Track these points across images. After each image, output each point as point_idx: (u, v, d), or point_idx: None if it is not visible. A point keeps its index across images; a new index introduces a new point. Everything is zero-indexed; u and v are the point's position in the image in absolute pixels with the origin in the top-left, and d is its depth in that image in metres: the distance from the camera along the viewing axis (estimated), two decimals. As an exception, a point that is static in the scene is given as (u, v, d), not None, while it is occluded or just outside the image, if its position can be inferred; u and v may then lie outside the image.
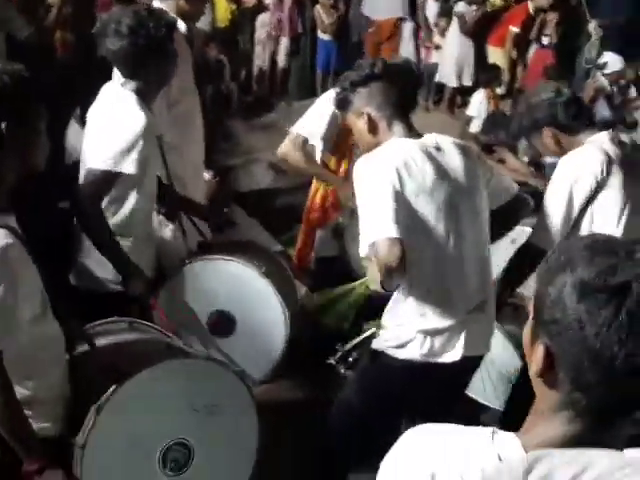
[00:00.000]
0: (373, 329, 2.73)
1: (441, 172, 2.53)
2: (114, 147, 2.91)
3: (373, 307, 2.81)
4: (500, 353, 3.42)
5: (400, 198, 2.42)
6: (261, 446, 2.76)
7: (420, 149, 2.54)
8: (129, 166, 2.91)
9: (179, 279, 3.37)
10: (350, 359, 3.16)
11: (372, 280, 2.63)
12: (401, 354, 2.60)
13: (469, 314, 2.60)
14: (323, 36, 9.62)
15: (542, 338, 1.12)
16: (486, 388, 3.54)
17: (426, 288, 2.56)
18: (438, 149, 2.59)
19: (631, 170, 2.99)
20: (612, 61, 8.02)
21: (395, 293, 2.58)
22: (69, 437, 2.36)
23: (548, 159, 6.69)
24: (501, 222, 2.82)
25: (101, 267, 3.08)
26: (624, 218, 3.00)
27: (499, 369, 3.51)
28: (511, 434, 1.15)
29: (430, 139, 2.64)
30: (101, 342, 2.69)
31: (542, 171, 6.64)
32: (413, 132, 2.65)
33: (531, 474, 0.67)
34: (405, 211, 2.43)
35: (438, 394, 2.66)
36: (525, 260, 3.09)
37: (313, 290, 4.02)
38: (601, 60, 8.20)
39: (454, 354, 2.59)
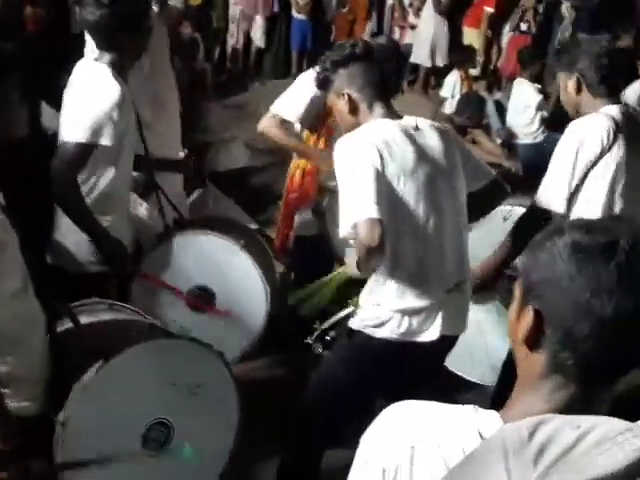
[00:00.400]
0: (350, 309, 2.73)
1: (420, 153, 2.55)
2: (89, 119, 2.89)
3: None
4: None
5: (381, 179, 2.42)
6: (240, 424, 2.78)
7: (400, 130, 2.56)
8: (105, 138, 2.90)
9: (157, 255, 3.36)
10: (327, 338, 3.18)
11: (351, 266, 2.66)
12: (378, 333, 2.62)
13: (447, 294, 2.63)
14: (298, 16, 9.62)
15: (531, 303, 1.14)
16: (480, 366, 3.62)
17: (405, 269, 2.57)
18: (417, 130, 2.61)
19: (633, 136, 3.05)
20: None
21: (374, 274, 2.59)
22: (50, 415, 2.36)
23: (521, 141, 6.80)
24: (477, 206, 2.83)
25: (79, 247, 3.07)
26: (620, 188, 3.06)
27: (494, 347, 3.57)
28: (492, 411, 1.16)
29: (410, 120, 2.65)
30: (83, 321, 2.67)
31: (515, 153, 6.71)
32: (393, 114, 2.65)
33: (534, 437, 0.69)
34: (386, 192, 2.43)
35: (415, 373, 2.67)
36: (529, 224, 3.14)
37: (291, 270, 4.04)
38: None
39: (432, 333, 2.61)
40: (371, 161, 2.42)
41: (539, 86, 7.11)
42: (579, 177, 3.05)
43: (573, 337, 1.09)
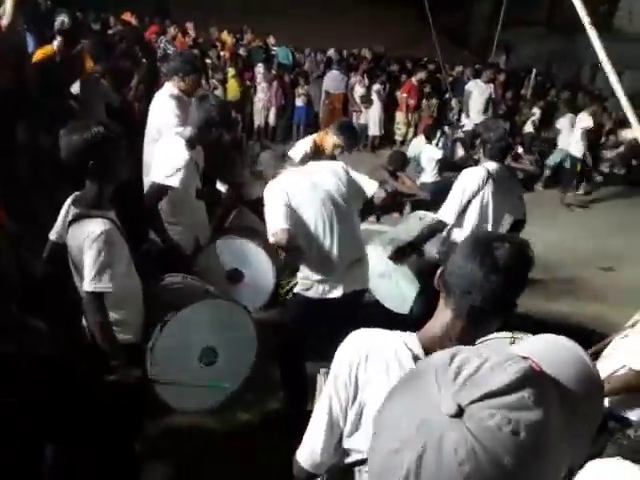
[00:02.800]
0: (296, 280, 2.75)
1: (314, 186, 2.59)
2: (167, 170, 2.91)
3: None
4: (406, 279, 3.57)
5: (289, 208, 2.51)
6: (258, 348, 2.81)
7: (301, 174, 2.65)
8: (176, 182, 2.91)
9: (209, 250, 3.36)
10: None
11: None
12: (306, 294, 2.69)
13: (347, 268, 2.66)
14: (299, 103, 9.65)
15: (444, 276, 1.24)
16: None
17: (314, 257, 2.62)
18: (315, 172, 2.66)
19: (500, 184, 3.16)
20: (467, 123, 8.23)
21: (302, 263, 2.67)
22: (143, 343, 2.41)
23: (428, 180, 6.86)
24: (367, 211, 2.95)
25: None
26: (489, 212, 3.16)
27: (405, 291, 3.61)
28: (412, 333, 1.25)
29: (311, 166, 2.74)
30: (164, 285, 2.73)
31: (426, 187, 6.76)
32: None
33: (453, 361, 0.71)
34: (293, 214, 2.52)
35: (334, 316, 2.65)
36: (432, 229, 3.31)
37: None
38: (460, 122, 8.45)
39: (337, 293, 2.66)
40: (282, 198, 2.52)
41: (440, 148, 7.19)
42: (464, 203, 3.13)
43: (460, 295, 1.19)
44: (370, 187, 2.76)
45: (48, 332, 2.52)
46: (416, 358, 1.20)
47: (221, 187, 3.90)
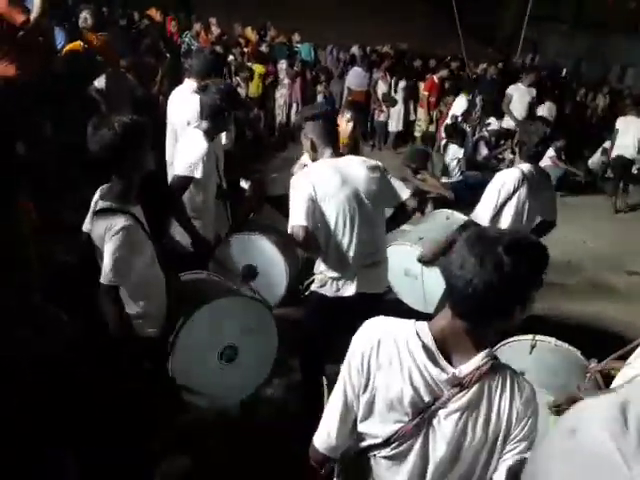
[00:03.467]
0: (313, 277, 2.70)
1: (343, 181, 2.48)
2: (188, 161, 2.93)
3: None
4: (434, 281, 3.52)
5: (312, 201, 2.44)
6: (278, 345, 2.81)
7: (332, 167, 2.50)
8: (198, 173, 2.92)
9: (224, 246, 3.36)
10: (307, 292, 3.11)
11: None
12: (321, 291, 2.63)
13: (363, 268, 2.58)
14: (319, 100, 9.54)
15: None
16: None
17: (332, 255, 2.55)
18: (348, 165, 2.52)
19: (534, 186, 3.08)
20: (492, 122, 8.09)
21: (319, 258, 2.62)
22: (166, 337, 2.41)
23: (450, 179, 6.78)
24: (393, 218, 2.77)
25: (184, 238, 3.10)
26: (524, 214, 3.09)
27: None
28: (424, 322, 1.29)
29: (345, 159, 2.56)
30: (188, 281, 2.73)
31: (448, 185, 6.68)
32: (337, 153, 2.57)
33: (628, 421, 0.68)
34: (315, 209, 2.45)
35: (346, 316, 2.51)
36: (464, 229, 3.06)
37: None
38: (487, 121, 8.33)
39: (349, 291, 2.58)
40: (307, 191, 2.44)
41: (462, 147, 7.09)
42: (499, 204, 3.08)
43: (457, 294, 1.19)
44: (404, 192, 2.67)
45: (68, 321, 2.59)
46: (426, 348, 1.24)
47: (244, 184, 3.91)
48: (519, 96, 7.87)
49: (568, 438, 0.81)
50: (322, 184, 2.47)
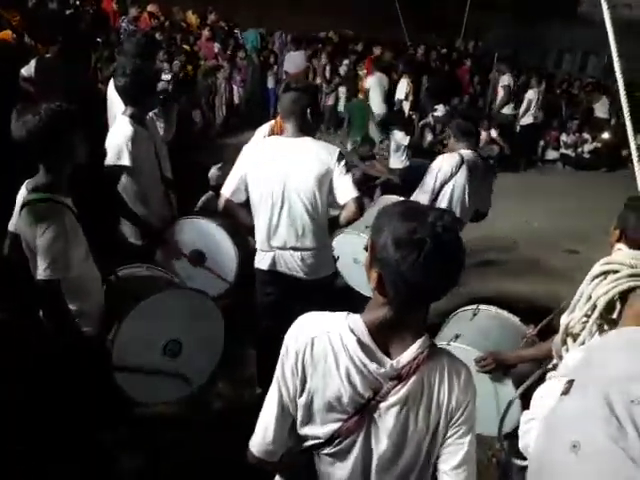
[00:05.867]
0: None
1: (285, 164, 2.44)
2: (114, 150, 2.84)
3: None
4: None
5: (243, 177, 2.52)
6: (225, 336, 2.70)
7: (281, 146, 2.49)
8: (124, 160, 2.83)
9: (171, 231, 3.23)
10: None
11: None
12: (256, 265, 2.73)
13: (280, 249, 2.61)
14: (270, 85, 9.63)
15: (375, 267, 1.16)
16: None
17: (260, 233, 2.62)
18: (299, 149, 2.46)
19: (474, 173, 3.12)
20: (439, 109, 8.20)
21: None
22: (105, 335, 2.29)
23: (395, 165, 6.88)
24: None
25: (128, 228, 3.05)
26: (460, 198, 3.11)
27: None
28: (357, 315, 1.23)
29: (300, 141, 2.48)
30: (126, 276, 2.61)
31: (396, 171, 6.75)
32: (295, 134, 2.50)
33: None
34: (246, 184, 2.53)
35: (277, 286, 2.71)
36: None
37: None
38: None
39: (264, 264, 2.66)
40: (243, 167, 2.54)
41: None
42: (437, 188, 3.11)
43: (398, 293, 1.14)
44: (344, 195, 2.48)
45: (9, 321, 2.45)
46: (361, 342, 1.19)
47: (215, 170, 3.82)
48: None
49: (570, 453, 0.82)
50: (260, 163, 2.48)
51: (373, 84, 8.00)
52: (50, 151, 2.02)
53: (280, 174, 2.47)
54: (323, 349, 1.21)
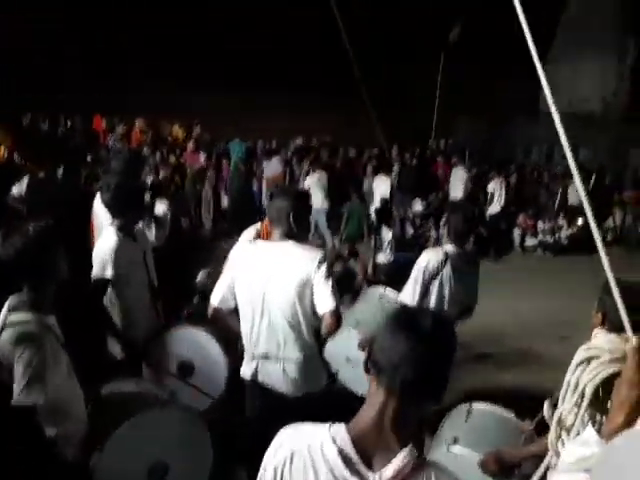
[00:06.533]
0: None
1: (269, 271, 2.39)
2: (98, 261, 2.88)
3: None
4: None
5: (230, 285, 2.49)
6: (214, 450, 2.55)
7: (265, 251, 2.45)
8: (109, 272, 2.86)
9: (161, 340, 3.18)
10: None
11: None
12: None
13: (262, 358, 2.50)
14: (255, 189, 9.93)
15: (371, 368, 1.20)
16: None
17: (244, 340, 2.54)
18: (282, 255, 2.41)
19: (459, 268, 3.16)
20: (416, 203, 8.53)
21: None
22: (87, 460, 2.17)
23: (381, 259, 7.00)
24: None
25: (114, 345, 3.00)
26: (453, 292, 3.14)
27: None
28: (342, 424, 1.21)
29: (285, 246, 2.43)
30: (111, 393, 2.52)
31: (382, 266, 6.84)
32: (280, 238, 2.48)
33: None
34: (233, 291, 2.49)
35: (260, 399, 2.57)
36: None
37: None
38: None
39: (247, 374, 2.55)
40: (229, 274, 2.52)
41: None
42: (424, 284, 3.13)
43: (387, 375, 1.16)
44: (321, 307, 2.38)
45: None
46: (342, 453, 1.15)
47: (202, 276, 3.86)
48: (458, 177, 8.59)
49: None
50: (243, 268, 2.47)
51: (313, 183, 8.46)
52: (36, 269, 2.04)
53: (260, 283, 2.41)
54: (303, 464, 1.17)
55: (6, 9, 9.76)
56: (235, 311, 2.60)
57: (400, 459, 1.14)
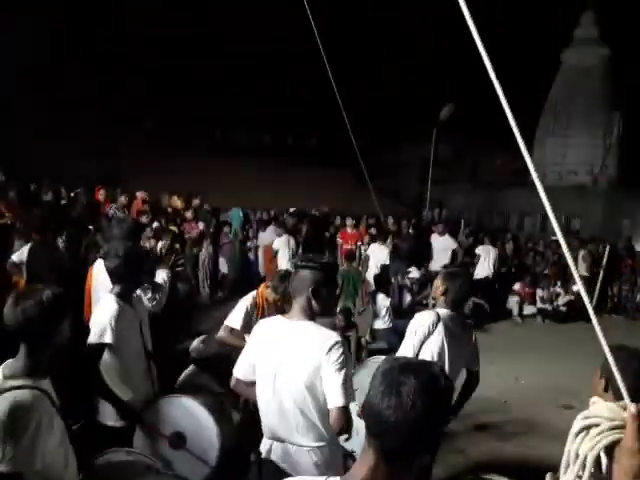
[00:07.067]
0: None
1: (276, 343, 2.30)
2: (98, 327, 2.86)
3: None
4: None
5: (250, 360, 2.39)
6: None
7: (285, 330, 2.33)
8: (107, 338, 2.84)
9: (153, 409, 3.09)
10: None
11: None
12: None
13: (275, 440, 2.36)
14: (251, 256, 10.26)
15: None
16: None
17: (262, 420, 2.39)
18: (300, 335, 2.28)
19: (452, 331, 3.13)
20: (413, 271, 8.61)
21: None
22: None
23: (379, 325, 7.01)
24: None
25: (106, 409, 2.93)
26: (446, 358, 3.09)
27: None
28: (337, 477, 1.22)
29: (303, 325, 2.31)
30: (103, 463, 2.46)
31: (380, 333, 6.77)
32: (296, 316, 2.34)
33: None
34: (252, 365, 2.38)
35: None
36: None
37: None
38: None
39: (264, 451, 2.38)
40: (250, 348, 2.44)
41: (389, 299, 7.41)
42: (417, 347, 3.11)
43: (375, 438, 1.17)
44: (331, 400, 2.20)
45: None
46: None
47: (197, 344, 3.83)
48: (438, 245, 8.74)
49: None
50: (262, 346, 2.38)
51: (281, 244, 9.06)
52: (42, 336, 2.03)
53: (272, 365, 2.30)
54: None
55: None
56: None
57: None
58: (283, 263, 8.62)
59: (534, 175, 1.42)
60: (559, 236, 1.44)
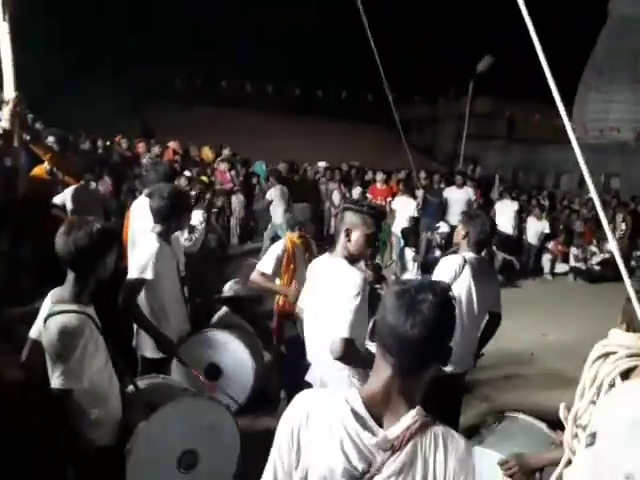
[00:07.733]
0: None
1: (317, 277, 2.54)
2: (139, 264, 2.95)
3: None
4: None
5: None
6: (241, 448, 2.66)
7: (327, 264, 2.53)
8: (148, 274, 2.93)
9: (190, 343, 3.27)
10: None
11: None
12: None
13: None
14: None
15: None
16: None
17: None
18: (329, 265, 2.51)
19: (478, 273, 3.15)
20: (442, 226, 8.53)
21: None
22: (121, 446, 2.25)
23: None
24: None
25: (146, 340, 3.06)
26: (474, 296, 3.13)
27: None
28: (355, 389, 1.28)
29: (338, 264, 2.46)
30: (143, 385, 2.60)
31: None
32: (335, 253, 2.53)
33: None
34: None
35: None
36: None
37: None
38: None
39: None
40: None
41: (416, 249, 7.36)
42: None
43: (387, 345, 1.22)
44: (338, 329, 2.30)
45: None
46: (355, 412, 1.21)
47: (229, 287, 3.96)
48: (453, 197, 8.84)
49: None
50: (309, 277, 2.62)
51: (276, 196, 8.56)
52: (90, 266, 2.15)
53: (311, 295, 2.58)
54: (319, 422, 1.23)
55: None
56: None
57: (409, 417, 1.21)
58: (278, 213, 8.39)
59: (569, 129, 1.40)
60: (592, 193, 1.43)
